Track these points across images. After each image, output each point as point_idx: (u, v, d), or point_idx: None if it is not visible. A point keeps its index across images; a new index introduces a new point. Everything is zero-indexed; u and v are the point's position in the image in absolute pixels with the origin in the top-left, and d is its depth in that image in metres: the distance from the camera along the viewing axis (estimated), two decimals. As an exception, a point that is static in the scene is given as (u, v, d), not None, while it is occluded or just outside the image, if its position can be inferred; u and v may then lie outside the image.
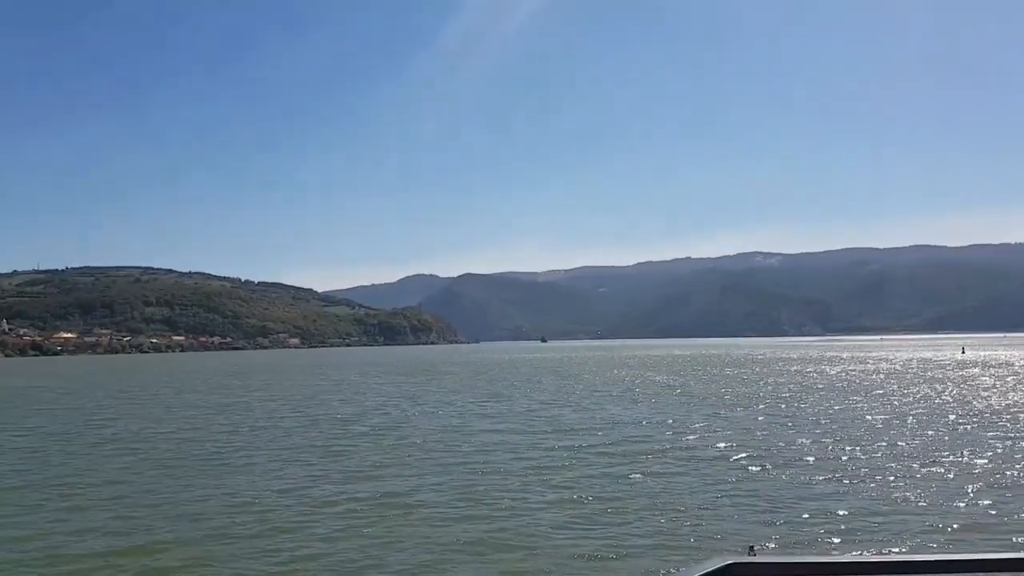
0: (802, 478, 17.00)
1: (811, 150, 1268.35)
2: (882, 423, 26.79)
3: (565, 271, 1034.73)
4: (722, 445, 22.16)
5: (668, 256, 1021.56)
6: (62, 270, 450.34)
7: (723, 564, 2.83)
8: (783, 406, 34.15)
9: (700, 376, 61.72)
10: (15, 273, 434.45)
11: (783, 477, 17.20)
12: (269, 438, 26.39)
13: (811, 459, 19.40)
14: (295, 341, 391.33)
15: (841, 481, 16.53)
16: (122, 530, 13.73)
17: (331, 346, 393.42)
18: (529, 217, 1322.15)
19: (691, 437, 24.15)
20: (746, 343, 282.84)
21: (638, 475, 17.85)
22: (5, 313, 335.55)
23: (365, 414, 34.52)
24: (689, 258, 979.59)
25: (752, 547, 3.17)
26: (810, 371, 67.36)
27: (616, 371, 73.91)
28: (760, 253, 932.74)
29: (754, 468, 18.28)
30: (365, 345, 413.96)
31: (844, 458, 19.51)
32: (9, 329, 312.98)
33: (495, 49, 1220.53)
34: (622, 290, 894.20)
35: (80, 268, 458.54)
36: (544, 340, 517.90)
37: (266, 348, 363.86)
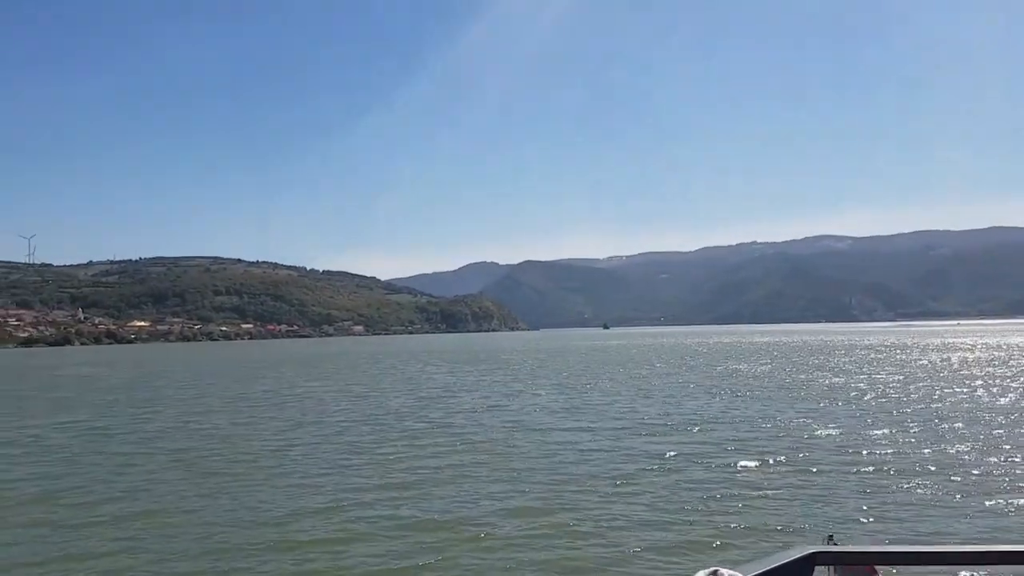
0: (953, 498, 13.46)
1: (881, 132, 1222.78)
2: (1013, 421, 22.74)
3: (626, 257, 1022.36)
4: (843, 449, 18.60)
5: (732, 241, 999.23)
6: (135, 260, 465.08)
7: (807, 553, 2.81)
8: (885, 401, 30.11)
9: (784, 365, 57.41)
10: (91, 263, 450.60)
11: (934, 501, 13.69)
12: (316, 436, 23.90)
13: (965, 472, 15.76)
14: (359, 329, 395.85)
15: (991, 503, 12.95)
16: (122, 567, 11.17)
17: (394, 333, 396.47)
18: (589, 203, 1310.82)
19: (797, 439, 20.62)
20: (818, 329, 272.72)
21: (747, 492, 14.56)
22: (81, 303, 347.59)
23: (422, 408, 31.89)
24: (755, 243, 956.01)
25: (831, 536, 3.12)
26: (900, 358, 62.29)
27: (690, 359, 69.96)
28: (829, 237, 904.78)
29: (896, 484, 14.78)
30: (427, 332, 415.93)
31: (990, 470, 15.82)
32: (85, 318, 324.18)
33: (548, 28, 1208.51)
34: (684, 276, 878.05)
35: (152, 258, 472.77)
36: (606, 327, 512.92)
37: (331, 336, 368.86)
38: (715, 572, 2.52)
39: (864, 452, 18.36)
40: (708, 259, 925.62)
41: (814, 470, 16.41)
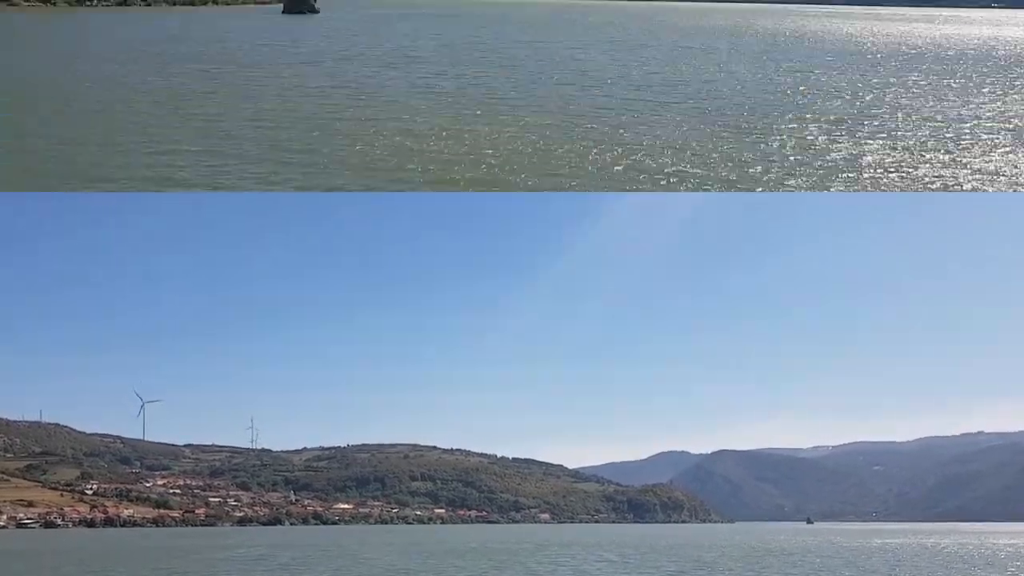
0: None
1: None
2: None
3: (833, 447, 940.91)
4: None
5: (955, 431, 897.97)
6: (343, 447, 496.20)
7: None
8: None
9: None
10: (304, 449, 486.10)
11: None
12: None
13: None
14: (545, 516, 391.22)
15: None
16: None
17: (580, 522, 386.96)
18: (789, 388, 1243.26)
19: None
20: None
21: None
22: (294, 485, 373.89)
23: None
24: (981, 432, 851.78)
25: None
26: None
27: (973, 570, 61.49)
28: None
29: None
30: (613, 522, 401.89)
31: None
32: (296, 499, 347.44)
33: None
34: (901, 468, 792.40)
35: (358, 445, 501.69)
36: (810, 521, 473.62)
37: (518, 523, 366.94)
38: None
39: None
40: (928, 449, 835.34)
41: None
